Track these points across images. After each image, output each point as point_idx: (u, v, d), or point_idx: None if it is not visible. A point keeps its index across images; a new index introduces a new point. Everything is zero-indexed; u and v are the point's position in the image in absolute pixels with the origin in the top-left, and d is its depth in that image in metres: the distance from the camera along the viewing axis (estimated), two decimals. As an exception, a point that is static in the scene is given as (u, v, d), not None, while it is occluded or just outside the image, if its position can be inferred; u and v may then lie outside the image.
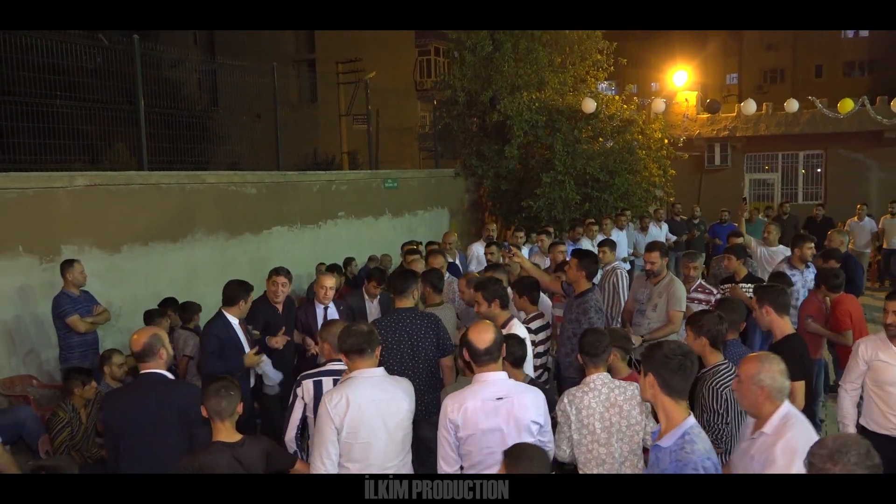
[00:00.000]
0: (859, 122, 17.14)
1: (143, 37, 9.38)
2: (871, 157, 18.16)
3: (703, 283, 6.90)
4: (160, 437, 4.06)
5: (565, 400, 4.14)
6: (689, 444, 2.91)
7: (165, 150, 9.62)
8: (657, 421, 3.34)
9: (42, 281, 7.42)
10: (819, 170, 19.30)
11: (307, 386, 4.32)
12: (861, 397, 4.91)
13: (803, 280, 7.22)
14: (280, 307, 6.54)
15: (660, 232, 13.46)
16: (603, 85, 16.94)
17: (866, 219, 14.16)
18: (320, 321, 6.46)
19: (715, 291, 6.81)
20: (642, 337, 6.28)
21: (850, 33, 48.41)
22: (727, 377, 4.15)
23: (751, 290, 6.47)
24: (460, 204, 15.98)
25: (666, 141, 16.20)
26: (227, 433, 3.76)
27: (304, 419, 4.38)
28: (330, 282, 6.64)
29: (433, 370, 5.27)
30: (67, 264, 7.03)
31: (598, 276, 7.13)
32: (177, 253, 8.94)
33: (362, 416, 3.72)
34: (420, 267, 7.14)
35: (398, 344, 5.12)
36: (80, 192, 7.85)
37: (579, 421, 4.03)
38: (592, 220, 12.01)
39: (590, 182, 14.80)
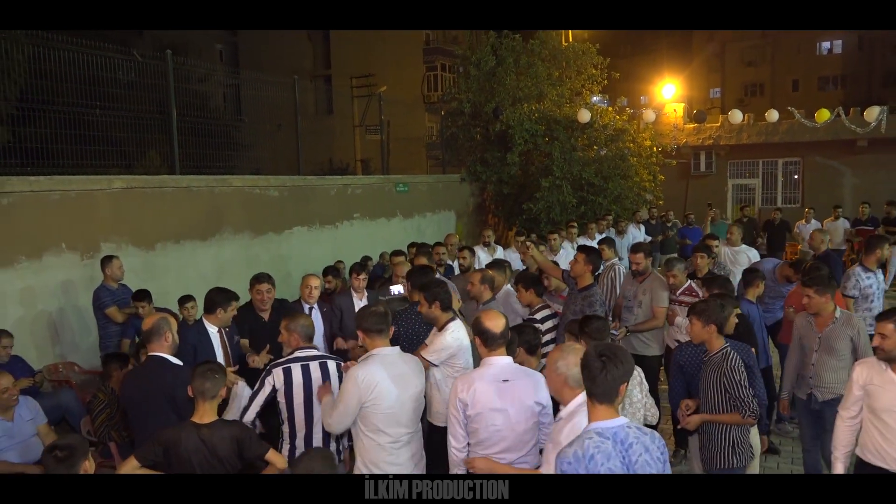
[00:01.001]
0: (834, 132, 17.15)
1: (174, 52, 9.41)
2: (844, 164, 18.15)
3: (693, 284, 6.61)
4: (153, 417, 4.02)
5: None
6: (568, 446, 2.74)
7: (193, 156, 9.62)
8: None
9: (83, 275, 7.43)
10: (796, 176, 19.27)
11: (277, 374, 4.19)
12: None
13: (877, 282, 6.57)
14: (266, 314, 5.98)
15: (639, 234, 13.38)
16: (596, 98, 16.91)
17: (841, 220, 14.16)
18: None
19: (700, 294, 6.24)
20: (626, 328, 6.38)
21: (824, 50, 48.38)
22: (734, 355, 4.26)
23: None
24: (466, 207, 15.97)
25: (655, 149, 16.19)
26: (203, 414, 3.67)
27: (268, 404, 4.23)
28: (315, 282, 6.41)
29: None
30: (107, 260, 7.06)
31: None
32: (206, 250, 8.94)
33: (386, 389, 3.77)
34: (404, 270, 6.74)
35: (416, 334, 5.14)
36: (118, 195, 7.86)
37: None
38: (573, 224, 11.99)
39: (585, 186, 14.81)
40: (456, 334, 4.59)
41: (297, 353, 4.29)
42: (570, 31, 19.61)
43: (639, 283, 6.55)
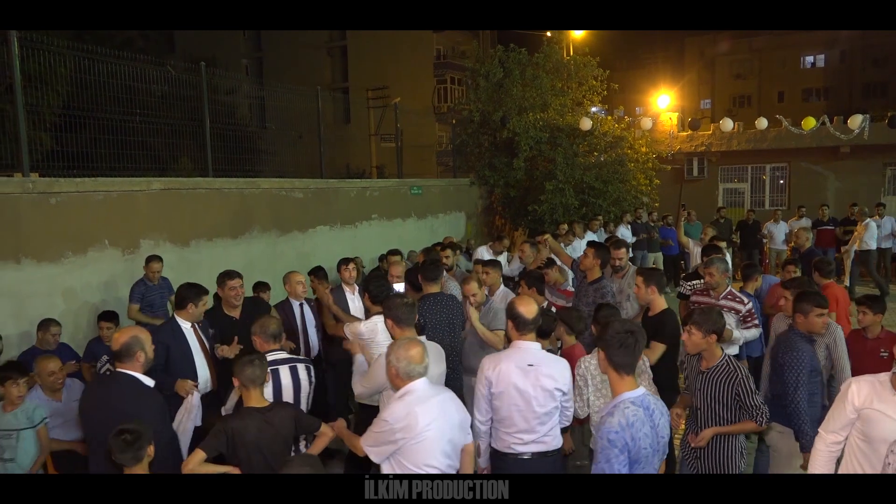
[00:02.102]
0: (818, 139, 17.05)
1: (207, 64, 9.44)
2: (828, 169, 18.00)
3: (734, 290, 5.71)
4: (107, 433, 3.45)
5: (582, 367, 4.15)
6: (609, 416, 2.80)
7: (222, 160, 9.60)
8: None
9: (124, 270, 7.45)
10: (781, 181, 19.18)
11: None
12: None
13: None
14: (237, 313, 5.54)
15: (626, 233, 13.37)
16: (594, 108, 16.84)
17: (804, 219, 14.28)
18: (297, 317, 6.31)
19: (746, 301, 5.59)
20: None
21: (808, 64, 48.20)
22: (738, 363, 3.87)
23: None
24: (475, 208, 15.94)
25: (652, 155, 16.15)
26: (257, 399, 3.62)
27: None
28: (299, 277, 6.36)
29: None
30: (151, 258, 7.17)
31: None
32: (236, 247, 8.95)
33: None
34: (400, 269, 6.72)
35: (439, 322, 5.14)
36: (156, 195, 7.88)
37: (594, 385, 4.04)
38: (565, 225, 11.96)
39: (586, 189, 14.79)
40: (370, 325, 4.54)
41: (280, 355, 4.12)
42: (570, 45, 19.54)
43: (619, 279, 6.29)
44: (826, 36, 45.90)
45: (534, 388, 3.61)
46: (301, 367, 4.18)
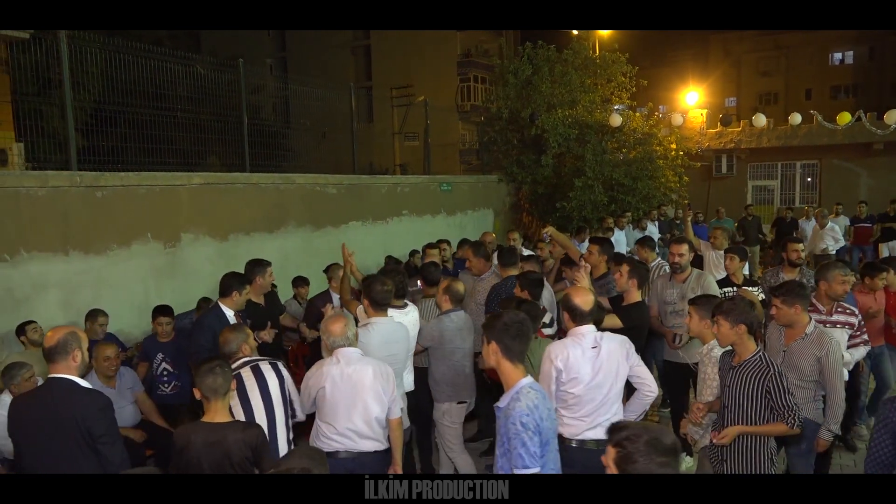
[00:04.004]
0: (850, 136, 16.89)
1: (229, 66, 9.50)
2: (860, 166, 17.81)
3: (843, 302, 5.02)
4: (52, 455, 3.19)
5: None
6: (514, 402, 2.88)
7: (255, 156, 9.62)
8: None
9: (166, 262, 7.61)
10: (809, 178, 19.00)
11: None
12: None
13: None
14: (263, 300, 5.68)
15: (655, 230, 13.09)
16: (617, 106, 16.68)
17: (842, 216, 14.11)
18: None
19: (857, 312, 5.00)
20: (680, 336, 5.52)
21: (836, 60, 47.54)
22: (766, 363, 3.62)
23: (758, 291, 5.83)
24: (503, 205, 15.98)
25: (681, 152, 16.07)
26: (218, 412, 3.30)
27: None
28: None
29: None
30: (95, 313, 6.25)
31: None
32: (272, 241, 9.07)
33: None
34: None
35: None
36: (196, 190, 8.02)
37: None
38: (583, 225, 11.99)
39: (615, 186, 14.74)
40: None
41: (244, 359, 3.96)
42: (597, 42, 19.49)
43: (681, 283, 5.70)
44: (855, 32, 45.30)
45: (602, 368, 3.72)
46: (265, 365, 3.94)
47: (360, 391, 3.82)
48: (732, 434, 3.60)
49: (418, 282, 5.46)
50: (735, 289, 5.85)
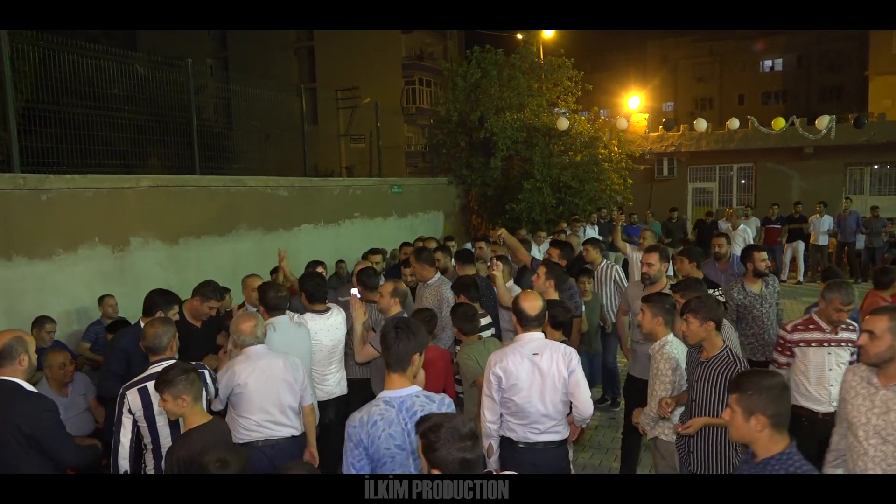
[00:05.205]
0: (783, 140, 17.67)
1: (169, 65, 9.28)
2: (793, 169, 18.62)
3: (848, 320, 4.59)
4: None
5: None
6: (357, 411, 2.82)
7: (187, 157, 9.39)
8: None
9: (113, 267, 7.41)
10: (743, 181, 19.78)
11: (131, 397, 3.63)
12: None
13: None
14: (200, 323, 5.23)
15: (593, 232, 13.26)
16: (557, 109, 16.89)
17: (753, 218, 14.77)
18: None
19: (858, 328, 4.34)
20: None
21: (767, 68, 49.69)
22: (733, 359, 3.72)
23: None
24: (453, 207, 16.09)
25: (624, 155, 16.50)
26: (196, 415, 3.33)
27: (136, 434, 3.68)
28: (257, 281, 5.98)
29: None
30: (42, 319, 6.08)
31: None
32: (223, 245, 8.93)
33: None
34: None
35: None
36: (145, 192, 7.84)
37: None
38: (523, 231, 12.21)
39: (563, 188, 15.04)
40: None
41: (151, 371, 3.71)
42: (541, 47, 19.79)
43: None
44: (784, 41, 47.43)
45: (544, 376, 3.67)
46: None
47: (273, 383, 4.03)
48: (697, 425, 3.70)
49: (353, 290, 5.08)
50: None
